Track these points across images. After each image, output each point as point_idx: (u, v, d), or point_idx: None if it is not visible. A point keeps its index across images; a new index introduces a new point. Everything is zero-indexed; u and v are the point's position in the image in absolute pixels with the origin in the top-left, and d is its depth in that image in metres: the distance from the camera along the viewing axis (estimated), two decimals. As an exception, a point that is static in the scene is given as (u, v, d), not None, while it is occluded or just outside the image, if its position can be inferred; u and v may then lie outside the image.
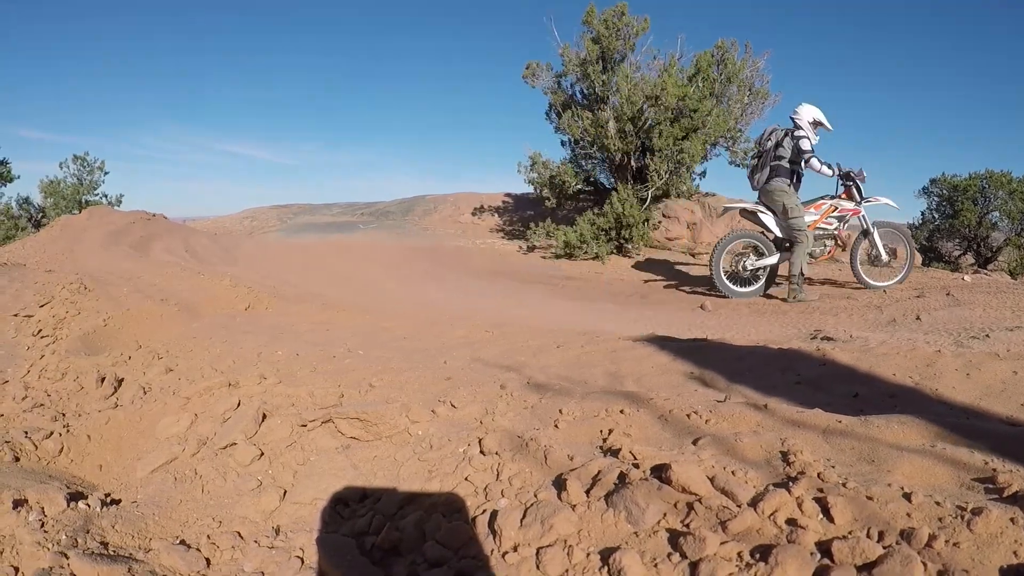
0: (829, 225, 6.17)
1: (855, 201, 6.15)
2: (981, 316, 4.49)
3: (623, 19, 10.35)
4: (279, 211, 17.15)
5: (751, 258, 6.24)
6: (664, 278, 8.11)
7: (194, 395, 2.57)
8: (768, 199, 6.08)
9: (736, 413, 1.86)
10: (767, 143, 6.07)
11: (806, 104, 6.03)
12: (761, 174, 6.09)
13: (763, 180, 6.07)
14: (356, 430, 2.05)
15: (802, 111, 5.97)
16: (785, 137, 5.96)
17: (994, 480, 1.31)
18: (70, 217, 11.62)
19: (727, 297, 6.22)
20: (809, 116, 5.95)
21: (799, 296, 5.77)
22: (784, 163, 5.96)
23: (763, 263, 6.14)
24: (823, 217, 6.16)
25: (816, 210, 6.16)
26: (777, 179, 5.97)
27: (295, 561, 1.52)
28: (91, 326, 4.09)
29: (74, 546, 1.52)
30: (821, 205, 6.18)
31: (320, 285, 7.07)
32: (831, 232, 6.18)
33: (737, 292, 6.22)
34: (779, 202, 5.96)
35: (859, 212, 6.15)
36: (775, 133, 6.04)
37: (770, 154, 6.02)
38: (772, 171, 6.01)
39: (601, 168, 11.62)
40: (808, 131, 5.91)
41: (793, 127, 5.95)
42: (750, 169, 6.30)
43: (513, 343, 3.45)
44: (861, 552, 1.09)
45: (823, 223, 6.16)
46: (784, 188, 5.94)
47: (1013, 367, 2.27)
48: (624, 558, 1.17)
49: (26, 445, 2.25)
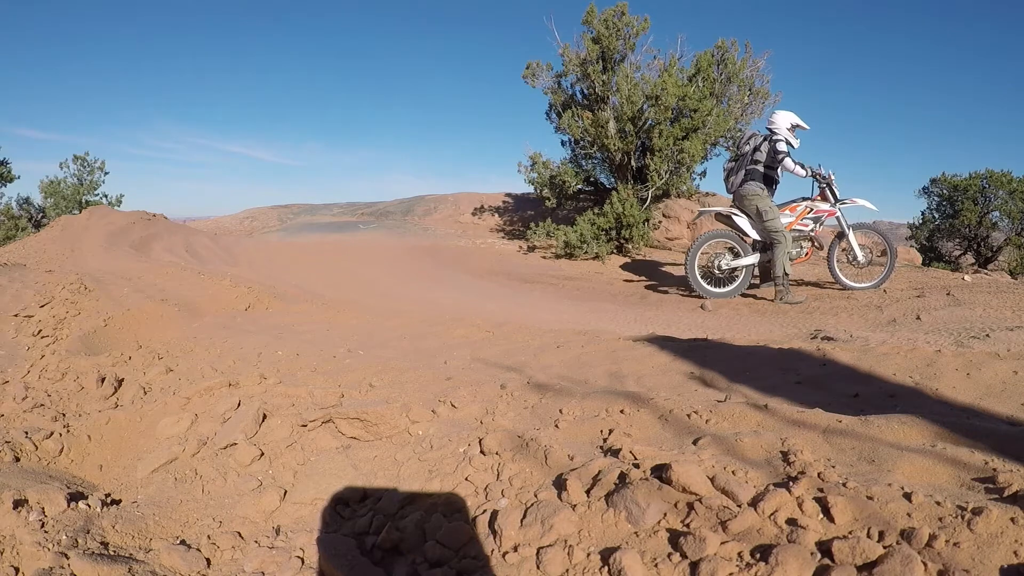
0: (805, 227, 6.21)
1: (830, 202, 6.19)
2: (981, 316, 4.49)
3: (623, 19, 10.35)
4: (279, 211, 17.14)
5: (727, 258, 6.27)
6: (664, 278, 8.11)
7: (194, 395, 2.57)
8: (742, 203, 6.16)
9: (736, 413, 1.86)
10: (745, 147, 6.18)
11: (779, 111, 6.14)
12: (736, 177, 6.19)
13: (737, 183, 6.17)
14: (356, 430, 2.05)
15: (777, 118, 6.08)
16: (763, 142, 6.06)
17: (994, 480, 1.31)
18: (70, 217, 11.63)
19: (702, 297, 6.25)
20: (785, 122, 6.04)
21: (786, 298, 5.79)
22: (759, 167, 6.06)
23: (739, 263, 6.18)
24: (798, 219, 6.21)
25: (791, 212, 6.22)
26: (751, 183, 6.06)
27: (295, 561, 1.52)
28: (91, 326, 4.09)
29: (74, 546, 1.52)
30: (796, 207, 6.23)
31: (320, 285, 7.07)
32: (807, 233, 6.22)
33: (712, 292, 6.25)
34: (753, 205, 6.04)
35: (835, 213, 6.17)
36: (754, 138, 6.16)
37: (747, 158, 6.12)
38: (747, 175, 6.10)
39: (601, 168, 11.61)
40: (785, 135, 5.99)
41: (771, 133, 6.04)
42: (726, 172, 6.37)
43: (513, 343, 3.45)
44: (861, 552, 1.09)
45: (798, 224, 6.20)
46: (757, 192, 6.01)
47: (1013, 367, 2.27)
48: (624, 558, 1.17)
49: (26, 445, 2.25)
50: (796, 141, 6.06)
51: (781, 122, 6.03)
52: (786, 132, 6.01)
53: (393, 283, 7.82)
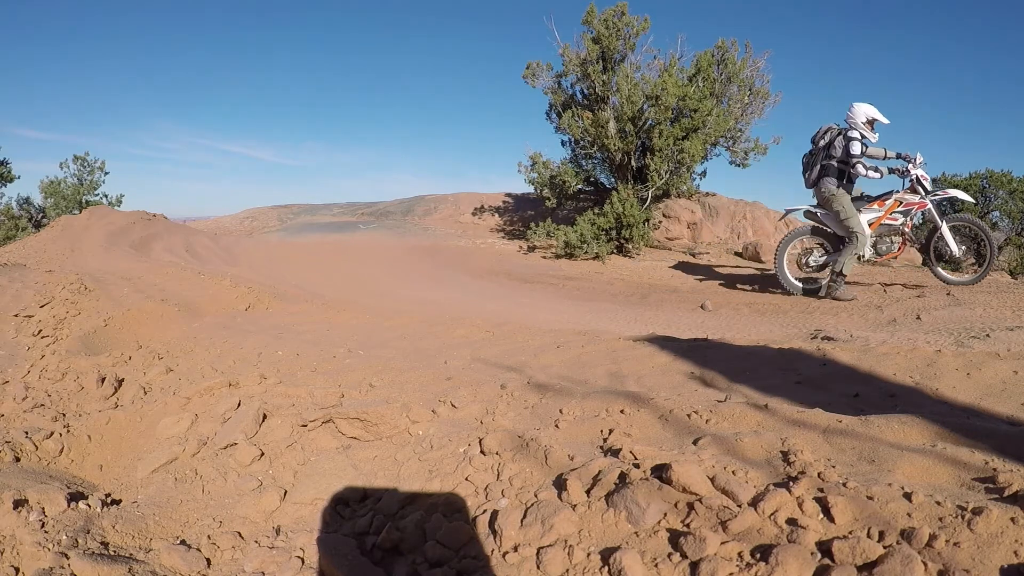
0: (895, 220, 5.95)
1: (920, 194, 5.89)
2: (981, 316, 4.49)
3: (623, 19, 10.35)
4: (279, 211, 17.15)
5: (815, 254, 6.14)
6: (664, 278, 8.11)
7: (194, 395, 2.57)
8: (820, 199, 6.01)
9: (737, 413, 1.86)
10: (820, 141, 5.99)
11: (858, 103, 5.85)
12: (812, 172, 6.04)
13: (813, 178, 6.02)
14: (356, 430, 2.05)
15: (855, 111, 5.81)
16: (838, 136, 5.86)
17: (995, 480, 1.31)
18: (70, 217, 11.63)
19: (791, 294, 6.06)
20: (862, 116, 5.78)
21: (835, 292, 5.70)
22: (833, 162, 5.88)
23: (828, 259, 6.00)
24: (888, 212, 5.94)
25: (880, 206, 5.97)
26: (826, 179, 5.90)
27: (295, 561, 1.52)
28: (91, 326, 4.09)
29: (75, 546, 1.52)
30: (885, 201, 5.98)
31: (320, 285, 7.08)
32: (898, 228, 5.97)
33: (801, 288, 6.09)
34: (830, 204, 5.89)
35: (925, 206, 5.87)
36: (829, 132, 5.95)
37: (821, 153, 5.96)
38: (822, 170, 5.94)
39: (601, 168, 11.62)
40: (862, 131, 5.76)
41: (847, 128, 5.83)
42: (803, 166, 6.22)
43: (513, 343, 3.45)
44: (862, 552, 1.09)
45: (888, 219, 5.95)
46: (832, 191, 5.86)
47: (1013, 367, 2.27)
48: (624, 558, 1.17)
49: (27, 445, 2.25)
50: (874, 136, 5.80)
51: (858, 115, 5.77)
52: (862, 128, 5.75)
53: (393, 283, 7.82)
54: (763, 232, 10.96)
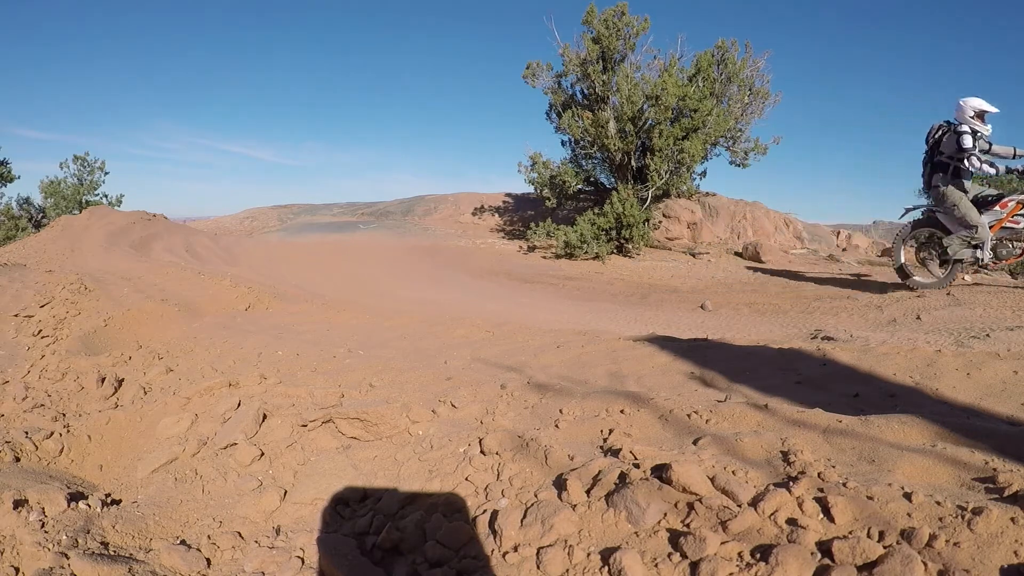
0: (1016, 224, 5.60)
1: None
2: (981, 316, 4.49)
3: (623, 19, 10.36)
4: (279, 211, 17.16)
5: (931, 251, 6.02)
6: (664, 278, 8.11)
7: (194, 395, 2.57)
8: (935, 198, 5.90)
9: (737, 413, 1.86)
10: (930, 140, 5.89)
11: (965, 98, 5.63)
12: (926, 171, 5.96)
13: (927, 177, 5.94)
14: (356, 430, 2.05)
15: (963, 107, 5.60)
16: (947, 133, 5.73)
17: (995, 480, 1.31)
18: (70, 217, 11.63)
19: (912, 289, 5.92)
20: (970, 110, 5.55)
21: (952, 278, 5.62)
22: (944, 159, 5.76)
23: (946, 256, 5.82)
24: (1009, 215, 5.61)
25: (1002, 208, 5.65)
26: (938, 177, 5.80)
27: (295, 561, 1.52)
28: (91, 326, 4.09)
29: (75, 546, 1.52)
30: (1008, 203, 5.65)
31: (320, 285, 7.07)
32: (1019, 232, 5.61)
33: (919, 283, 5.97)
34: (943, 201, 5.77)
35: None
36: (939, 130, 5.85)
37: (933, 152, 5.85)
38: (934, 168, 5.85)
39: (601, 168, 11.63)
40: (972, 124, 5.54)
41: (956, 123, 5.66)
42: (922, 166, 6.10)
43: (513, 343, 3.44)
44: (862, 552, 1.09)
45: (1009, 222, 5.61)
46: (943, 189, 5.74)
47: (1013, 367, 2.27)
48: (624, 558, 1.17)
49: (27, 445, 2.25)
50: (987, 128, 5.55)
51: (966, 109, 5.56)
52: (971, 121, 5.53)
53: (393, 283, 7.82)
54: (763, 232, 10.96)
